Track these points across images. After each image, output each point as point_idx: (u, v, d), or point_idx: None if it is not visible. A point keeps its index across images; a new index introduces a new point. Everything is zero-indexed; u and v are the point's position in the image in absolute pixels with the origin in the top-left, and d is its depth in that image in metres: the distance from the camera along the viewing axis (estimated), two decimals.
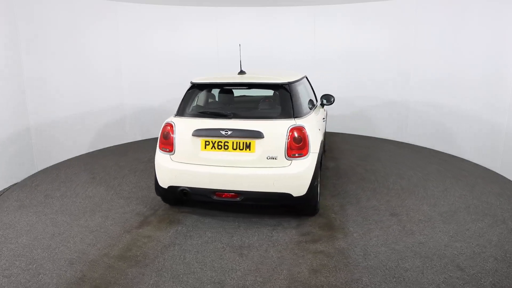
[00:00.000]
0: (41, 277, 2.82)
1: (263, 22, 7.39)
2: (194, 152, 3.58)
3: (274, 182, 3.44)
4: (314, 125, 3.83)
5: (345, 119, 7.52)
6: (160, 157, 3.70)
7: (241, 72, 4.11)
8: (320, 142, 3.82)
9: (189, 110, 3.79)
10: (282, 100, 3.74)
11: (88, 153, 6.20)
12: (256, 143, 3.48)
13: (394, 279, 2.79)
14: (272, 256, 3.12)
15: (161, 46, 6.98)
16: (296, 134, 3.46)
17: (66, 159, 5.82)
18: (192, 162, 3.59)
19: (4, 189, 4.66)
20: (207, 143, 3.55)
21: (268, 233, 3.51)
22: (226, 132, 3.49)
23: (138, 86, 6.88)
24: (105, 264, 2.99)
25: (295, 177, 3.45)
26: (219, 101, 4.27)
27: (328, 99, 5.17)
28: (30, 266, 2.97)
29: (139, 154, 6.09)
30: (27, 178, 5.02)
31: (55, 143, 5.67)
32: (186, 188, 3.59)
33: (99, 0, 6.17)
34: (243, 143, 3.50)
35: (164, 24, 6.96)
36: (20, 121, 5.01)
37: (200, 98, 3.96)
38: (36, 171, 5.27)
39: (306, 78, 5.28)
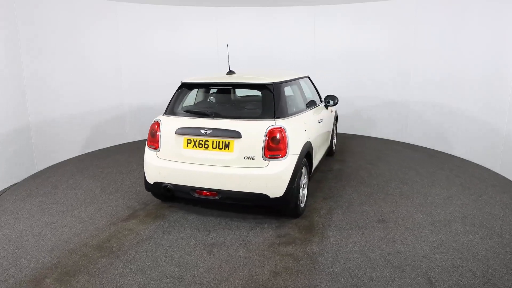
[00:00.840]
0: (22, 261, 3.06)
1: (263, 22, 7.43)
2: (177, 150, 3.67)
3: (250, 182, 3.45)
4: (298, 127, 3.78)
5: (345, 119, 7.46)
6: (147, 154, 3.84)
7: (230, 72, 4.15)
8: (304, 143, 3.75)
9: (176, 109, 3.90)
10: (264, 100, 3.73)
11: (100, 149, 6.47)
12: (234, 142, 3.50)
13: None
14: (239, 256, 3.13)
15: (161, 46, 7.01)
16: (273, 135, 3.44)
17: (67, 158, 5.91)
18: (175, 159, 3.69)
19: (4, 189, 4.69)
20: (189, 141, 3.64)
21: (245, 232, 3.53)
22: (206, 131, 3.56)
23: (138, 86, 6.90)
24: (81, 253, 3.18)
25: (271, 178, 3.43)
26: (206, 101, 4.32)
27: (331, 100, 5.11)
28: (16, 250, 3.22)
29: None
30: (42, 170, 5.42)
31: (56, 143, 5.71)
32: (169, 185, 3.70)
33: (99, 0, 6.20)
34: (222, 142, 3.54)
35: (164, 24, 6.97)
36: (20, 121, 5.02)
37: (188, 98, 4.05)
38: (36, 170, 5.33)
39: (309, 78, 5.22)
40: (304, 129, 3.87)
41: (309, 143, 3.90)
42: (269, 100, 3.66)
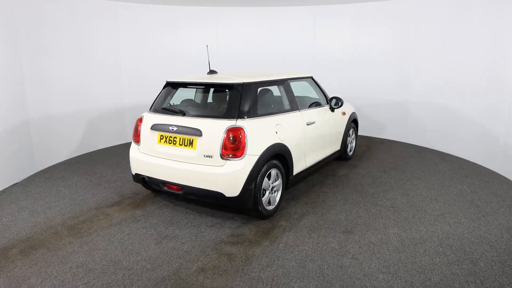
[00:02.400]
0: (6, 233, 3.57)
1: (263, 22, 7.34)
2: (152, 144, 3.91)
3: (207, 180, 3.52)
4: (265, 128, 3.72)
5: None
6: (131, 147, 4.16)
7: (211, 72, 4.24)
8: (270, 145, 3.68)
9: (158, 106, 4.13)
10: (230, 100, 3.76)
11: (101, 149, 6.54)
12: (197, 140, 3.61)
13: None
14: (181, 250, 3.24)
15: (161, 46, 6.99)
16: (231, 135, 3.46)
17: (68, 158, 5.93)
18: (150, 153, 3.93)
19: (4, 189, 4.67)
20: (162, 137, 3.85)
21: (203, 229, 3.62)
22: (173, 128, 3.72)
23: (138, 85, 6.89)
24: (54, 231, 3.59)
25: (226, 177, 3.46)
26: (185, 99, 4.43)
27: (335, 101, 4.93)
28: (9, 223, 3.77)
29: None
30: (69, 159, 6.14)
31: (57, 143, 5.73)
32: (145, 177, 3.96)
33: (99, 0, 6.23)
34: (187, 139, 3.67)
35: (164, 24, 6.98)
36: (20, 121, 4.98)
37: (171, 96, 4.24)
38: (37, 170, 5.35)
39: (312, 78, 5.04)
40: (274, 131, 3.80)
41: (280, 145, 3.82)
42: (235, 100, 3.68)
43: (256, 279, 2.82)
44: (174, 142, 3.75)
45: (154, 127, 3.88)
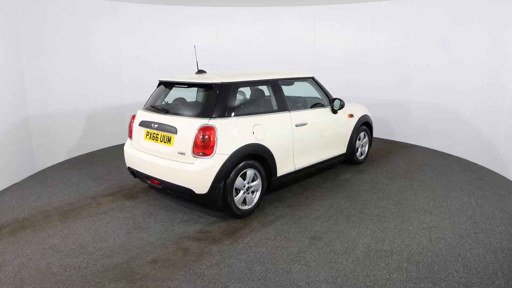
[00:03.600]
0: (7, 213, 4.02)
1: (263, 22, 7.22)
2: (140, 140, 4.12)
3: (179, 176, 3.63)
4: (240, 128, 3.73)
5: None
6: (126, 142, 4.42)
7: (199, 72, 4.33)
8: (244, 145, 3.67)
9: (149, 104, 4.33)
10: (207, 99, 3.81)
11: (102, 149, 6.59)
12: (174, 137, 3.73)
13: None
14: (145, 240, 3.38)
15: (161, 46, 6.95)
16: (202, 134, 3.53)
17: (68, 158, 5.95)
18: (138, 148, 4.15)
19: (4, 189, 4.69)
20: (147, 133, 4.03)
21: (176, 223, 3.74)
22: (155, 125, 3.89)
23: (138, 85, 6.83)
24: (47, 214, 3.95)
25: (195, 174, 3.53)
26: (173, 98, 4.55)
27: (335, 102, 4.78)
28: (14, 205, 4.23)
29: None
30: (89, 153, 6.60)
31: (56, 142, 5.73)
32: (134, 170, 4.19)
33: (99, 0, 6.22)
34: (166, 136, 3.81)
35: (164, 24, 6.94)
36: (20, 121, 4.97)
37: (164, 94, 4.41)
38: (37, 170, 5.36)
39: (313, 79, 4.88)
40: (251, 131, 3.78)
41: (257, 145, 3.78)
42: (211, 99, 3.74)
43: (198, 275, 2.86)
44: (156, 139, 3.92)
45: (141, 124, 4.09)
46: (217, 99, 3.71)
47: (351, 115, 5.20)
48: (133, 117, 4.32)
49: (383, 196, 4.35)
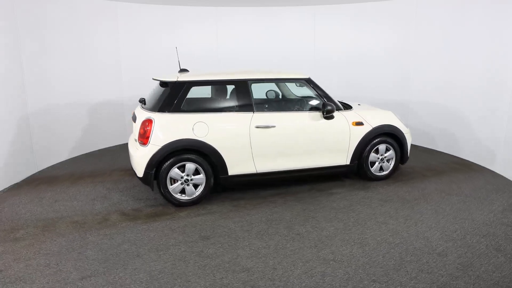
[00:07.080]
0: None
1: (263, 22, 7.24)
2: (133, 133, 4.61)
3: (131, 160, 4.27)
4: (179, 123, 3.98)
5: None
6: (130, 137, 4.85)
7: (182, 71, 4.79)
8: (178, 139, 3.92)
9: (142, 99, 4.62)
10: (162, 95, 4.14)
11: (102, 148, 6.65)
12: (134, 126, 4.38)
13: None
14: (88, 207, 4.09)
15: (161, 46, 6.95)
16: (143, 125, 4.01)
17: (69, 158, 6.01)
18: (132, 141, 4.59)
19: (4, 189, 4.69)
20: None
21: (131, 201, 4.31)
22: (133, 117, 4.47)
23: (138, 85, 6.75)
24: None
25: (135, 160, 4.10)
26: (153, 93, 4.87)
27: (324, 107, 4.38)
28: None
29: None
30: (99, 149, 6.60)
31: (56, 142, 5.74)
32: None
33: (99, 0, 6.24)
34: (135, 126, 4.32)
35: (164, 24, 6.97)
36: (20, 121, 4.99)
37: (151, 90, 4.66)
38: (37, 170, 5.37)
39: (307, 81, 4.55)
40: (190, 128, 4.01)
41: (195, 141, 4.00)
42: (162, 96, 4.11)
43: (84, 240, 3.41)
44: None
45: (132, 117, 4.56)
46: (167, 96, 4.06)
47: (358, 123, 4.61)
48: (133, 112, 4.61)
49: (370, 211, 3.96)
